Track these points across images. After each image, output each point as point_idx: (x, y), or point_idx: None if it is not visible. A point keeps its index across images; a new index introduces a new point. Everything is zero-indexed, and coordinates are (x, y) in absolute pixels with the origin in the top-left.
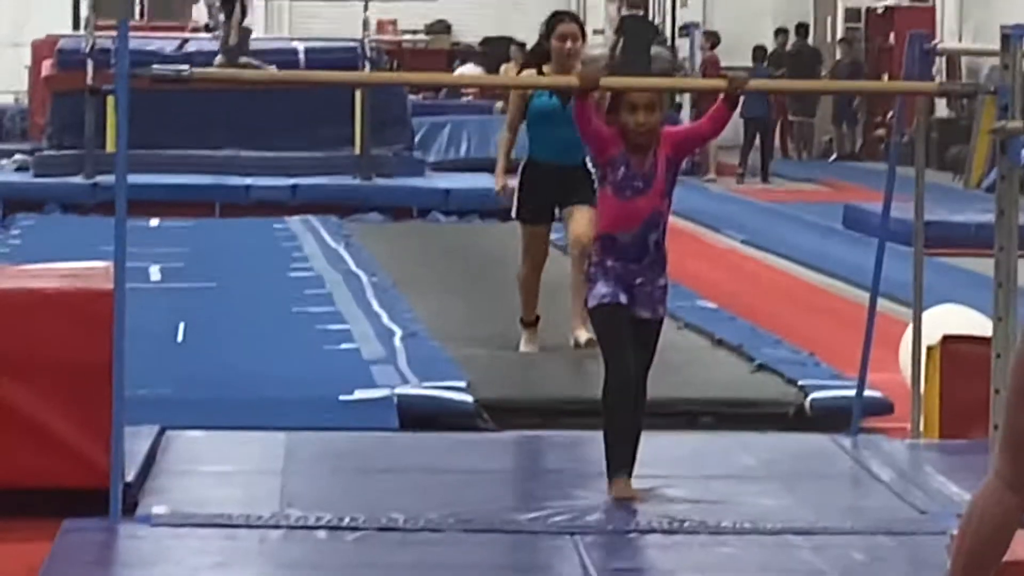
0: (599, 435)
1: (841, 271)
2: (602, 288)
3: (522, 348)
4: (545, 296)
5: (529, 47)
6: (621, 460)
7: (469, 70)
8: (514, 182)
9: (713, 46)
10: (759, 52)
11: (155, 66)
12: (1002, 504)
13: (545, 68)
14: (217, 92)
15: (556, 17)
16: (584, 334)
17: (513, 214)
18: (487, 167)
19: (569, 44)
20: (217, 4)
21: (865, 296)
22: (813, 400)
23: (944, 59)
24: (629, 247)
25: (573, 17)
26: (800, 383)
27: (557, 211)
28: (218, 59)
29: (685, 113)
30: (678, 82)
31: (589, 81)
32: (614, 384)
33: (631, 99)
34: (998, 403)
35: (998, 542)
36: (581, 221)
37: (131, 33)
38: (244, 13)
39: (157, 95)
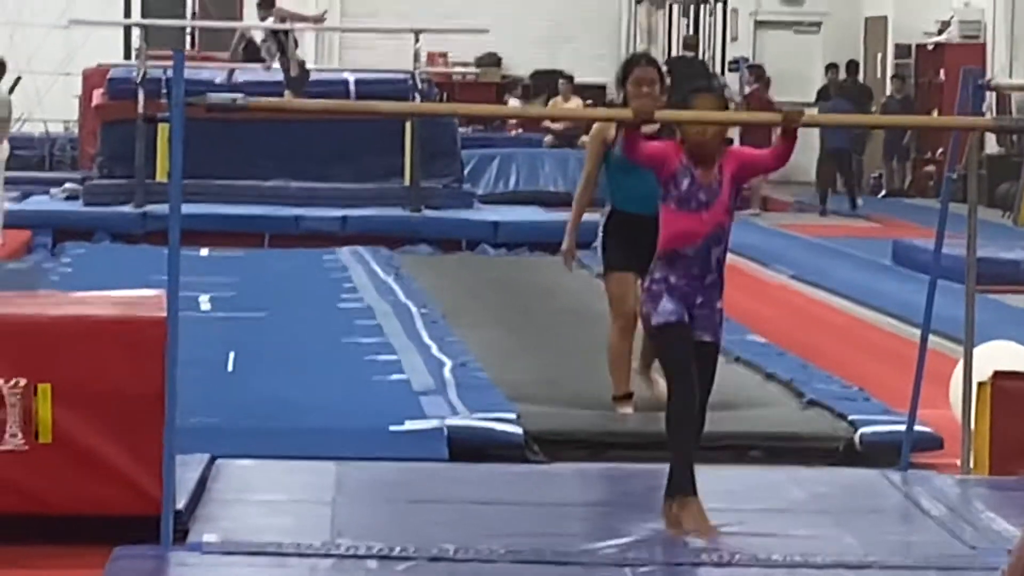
0: (648, 468)
1: (891, 307)
2: (667, 305)
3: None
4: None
5: (576, 81)
6: (687, 481)
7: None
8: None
9: (758, 79)
10: (833, 87)
11: (209, 95)
12: None
13: None
14: (267, 122)
15: (632, 61)
16: (650, 391)
17: (600, 268)
18: (536, 200)
19: (645, 89)
20: (269, 40)
21: (915, 332)
22: (863, 435)
23: (994, 95)
24: (693, 262)
25: (650, 60)
26: (850, 418)
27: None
28: (287, 94)
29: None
30: (733, 116)
31: (644, 114)
32: (680, 404)
33: (699, 109)
34: None
35: None
36: None
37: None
38: (296, 45)
39: (207, 125)
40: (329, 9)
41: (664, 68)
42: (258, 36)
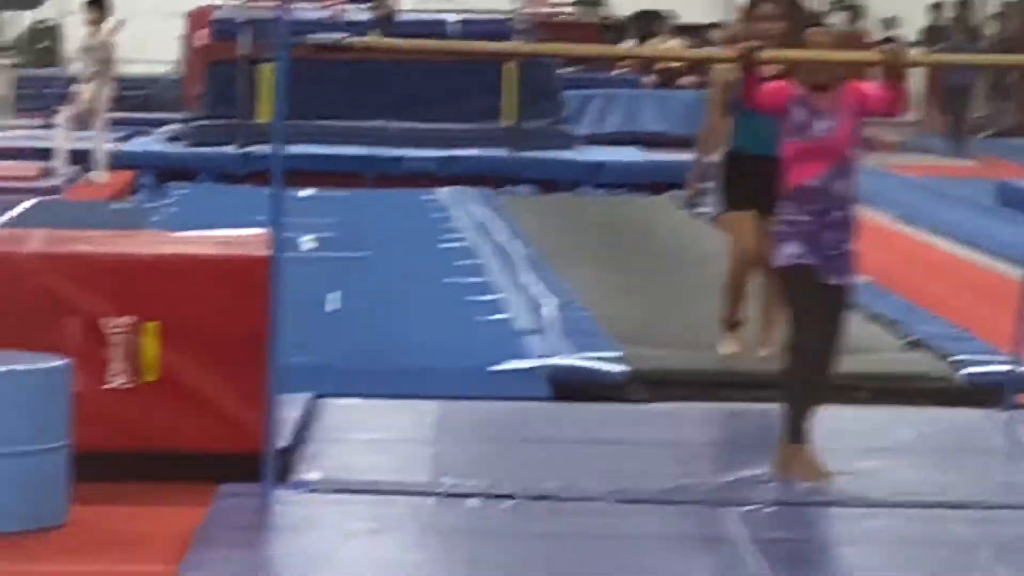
0: (755, 408)
1: (996, 247)
2: (791, 247)
3: (721, 349)
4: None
5: (681, 21)
6: (797, 429)
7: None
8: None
9: (854, 20)
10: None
11: (313, 34)
12: None
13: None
14: (369, 63)
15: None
16: (765, 350)
17: (717, 208)
18: (636, 141)
19: (765, 25)
20: None
21: (1020, 273)
22: (967, 375)
23: None
24: (816, 196)
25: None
26: (954, 358)
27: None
28: (370, 34)
29: None
30: (833, 55)
31: (747, 56)
32: (797, 349)
33: (812, 41)
34: None
35: None
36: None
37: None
38: None
39: (309, 65)
40: None
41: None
42: None
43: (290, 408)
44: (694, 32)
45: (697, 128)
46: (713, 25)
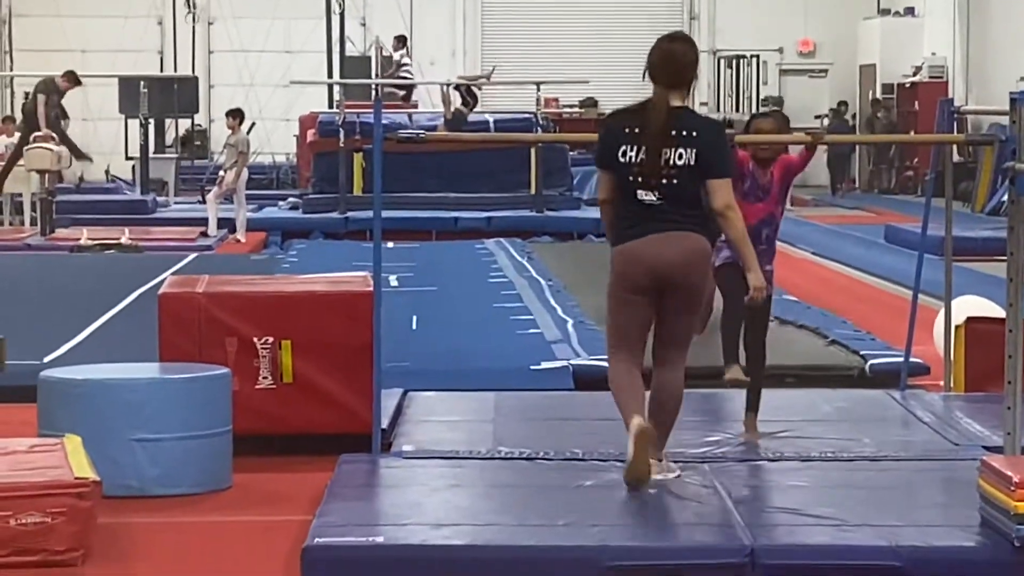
0: (718, 392)
1: (885, 273)
2: (726, 252)
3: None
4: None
5: None
6: (731, 355)
7: None
8: None
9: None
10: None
11: (400, 132)
12: None
13: None
14: (433, 151)
15: (754, 117)
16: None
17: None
18: None
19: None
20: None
21: (904, 291)
22: (872, 365)
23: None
24: (750, 231)
25: (767, 116)
26: (862, 353)
27: None
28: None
29: None
30: (776, 137)
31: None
32: (728, 313)
33: (758, 128)
34: (1009, 366)
35: None
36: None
37: (366, 110)
38: (475, 100)
39: (391, 153)
40: (478, 69)
41: None
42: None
43: (388, 399)
44: None
45: None
46: None
